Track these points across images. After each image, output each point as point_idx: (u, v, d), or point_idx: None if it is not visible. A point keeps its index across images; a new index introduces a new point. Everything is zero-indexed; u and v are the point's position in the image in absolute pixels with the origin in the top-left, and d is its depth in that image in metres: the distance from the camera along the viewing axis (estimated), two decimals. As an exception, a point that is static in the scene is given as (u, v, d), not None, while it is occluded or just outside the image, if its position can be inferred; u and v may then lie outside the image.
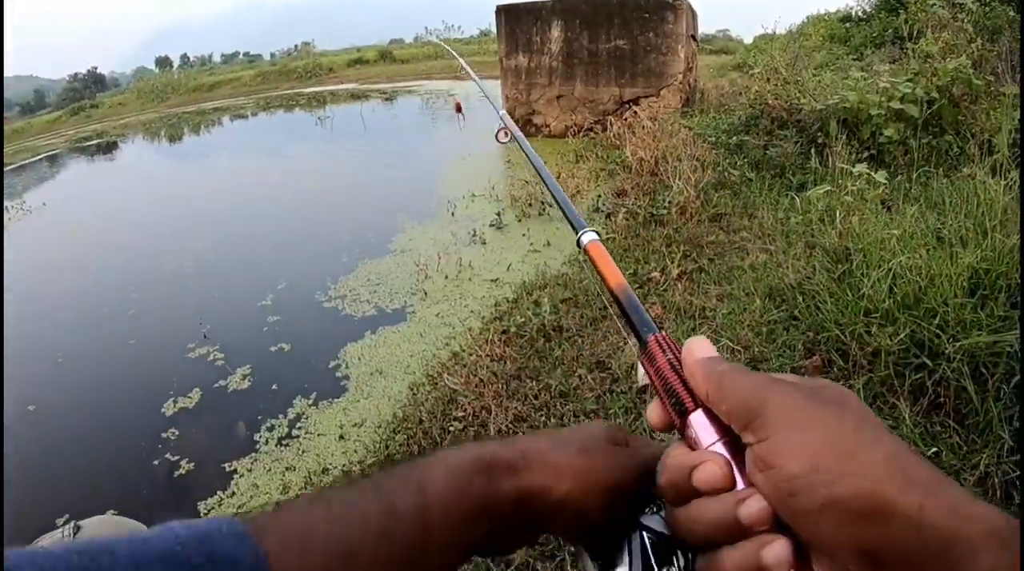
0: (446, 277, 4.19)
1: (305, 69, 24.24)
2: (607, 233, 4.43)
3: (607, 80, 8.16)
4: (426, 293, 4.03)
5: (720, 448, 0.37)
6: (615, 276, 0.52)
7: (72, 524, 0.87)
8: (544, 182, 0.75)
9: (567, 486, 0.42)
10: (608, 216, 4.75)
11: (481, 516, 0.40)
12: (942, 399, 2.10)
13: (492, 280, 4.04)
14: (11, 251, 6.49)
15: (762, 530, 0.34)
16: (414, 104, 14.00)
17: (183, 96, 24.47)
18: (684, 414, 0.40)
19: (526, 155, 0.91)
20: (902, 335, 2.28)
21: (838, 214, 3.27)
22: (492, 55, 11.76)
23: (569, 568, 1.81)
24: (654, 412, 0.43)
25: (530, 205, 5.31)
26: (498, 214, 5.11)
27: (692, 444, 0.39)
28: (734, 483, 0.36)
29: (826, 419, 0.34)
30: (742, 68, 10.67)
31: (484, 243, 4.73)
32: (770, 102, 5.69)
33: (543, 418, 2.47)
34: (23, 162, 13.72)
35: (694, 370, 0.40)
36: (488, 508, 0.40)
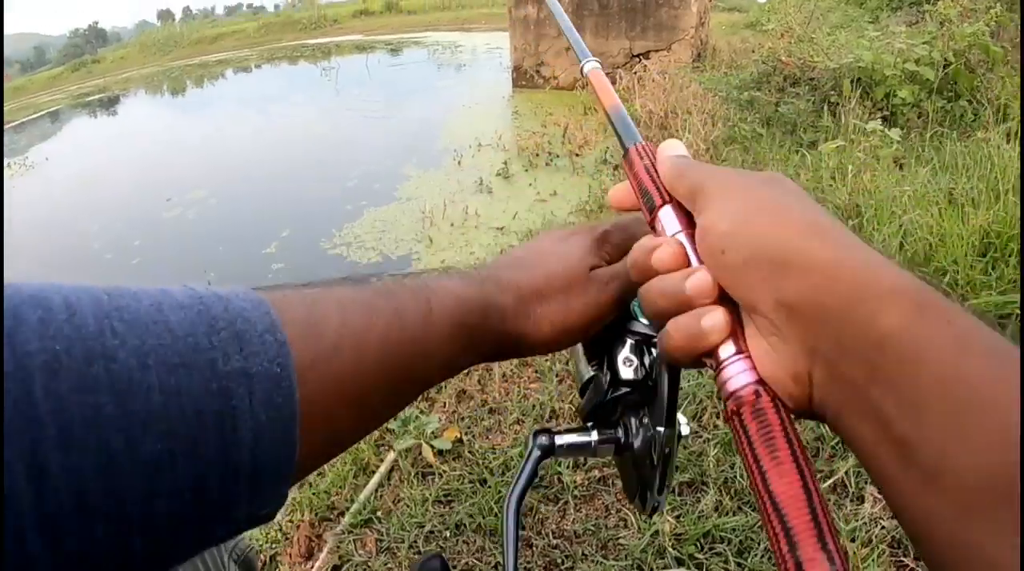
0: (452, 225, 4.15)
1: (309, 20, 23.83)
2: (616, 181, 4.34)
3: (617, 33, 7.98)
4: (431, 240, 3.99)
5: (681, 237, 0.39)
6: (610, 98, 0.53)
7: None
8: (554, 15, 0.73)
9: (548, 330, 0.45)
10: (616, 168, 4.67)
11: (470, 347, 0.42)
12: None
13: (498, 228, 4.00)
14: (13, 205, 6.46)
15: (706, 302, 0.36)
16: (420, 55, 13.75)
17: (186, 49, 24.12)
18: (654, 209, 0.42)
19: None
20: None
21: (850, 171, 3.22)
22: (501, 6, 11.52)
23: (572, 511, 1.81)
24: (615, 193, 0.46)
25: (537, 155, 5.23)
26: (505, 163, 5.03)
27: (658, 235, 0.41)
28: (687, 263, 0.38)
29: (757, 189, 0.37)
30: (755, 26, 10.42)
31: (490, 192, 4.67)
32: (783, 59, 5.56)
33: (548, 363, 2.45)
34: (24, 119, 13.58)
35: (662, 164, 0.42)
36: (478, 342, 0.42)
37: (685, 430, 0.46)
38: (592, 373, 0.49)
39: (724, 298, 0.36)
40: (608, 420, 0.49)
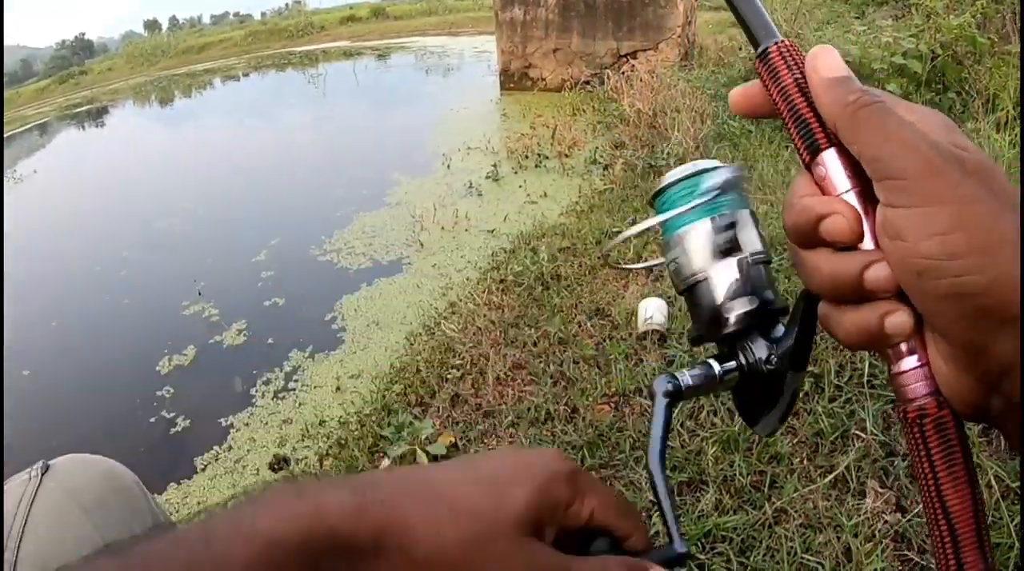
0: (442, 229, 4.12)
1: (296, 28, 23.74)
2: (605, 184, 4.35)
3: (604, 33, 7.96)
4: (422, 244, 3.96)
5: (852, 198, 0.34)
6: None
7: (41, 463, 0.82)
8: None
9: None
10: (606, 167, 4.66)
11: None
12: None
13: (489, 231, 3.97)
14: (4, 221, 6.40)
15: (886, 296, 0.33)
16: (408, 61, 13.73)
17: (173, 59, 24.03)
18: (816, 150, 0.35)
19: None
20: None
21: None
22: (487, 10, 11.51)
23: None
24: (741, 92, 0.40)
25: (526, 157, 5.21)
26: (494, 166, 5.01)
27: (820, 183, 0.36)
28: (862, 238, 0.34)
29: (967, 197, 0.30)
30: (742, 23, 10.44)
31: (480, 195, 4.65)
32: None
33: (542, 365, 2.43)
34: (12, 132, 13.48)
35: (821, 91, 0.35)
36: None
37: None
38: (706, 274, 0.43)
39: (902, 294, 0.33)
40: (725, 343, 0.45)
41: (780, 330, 0.43)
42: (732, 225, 0.44)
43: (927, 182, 0.30)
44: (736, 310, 0.43)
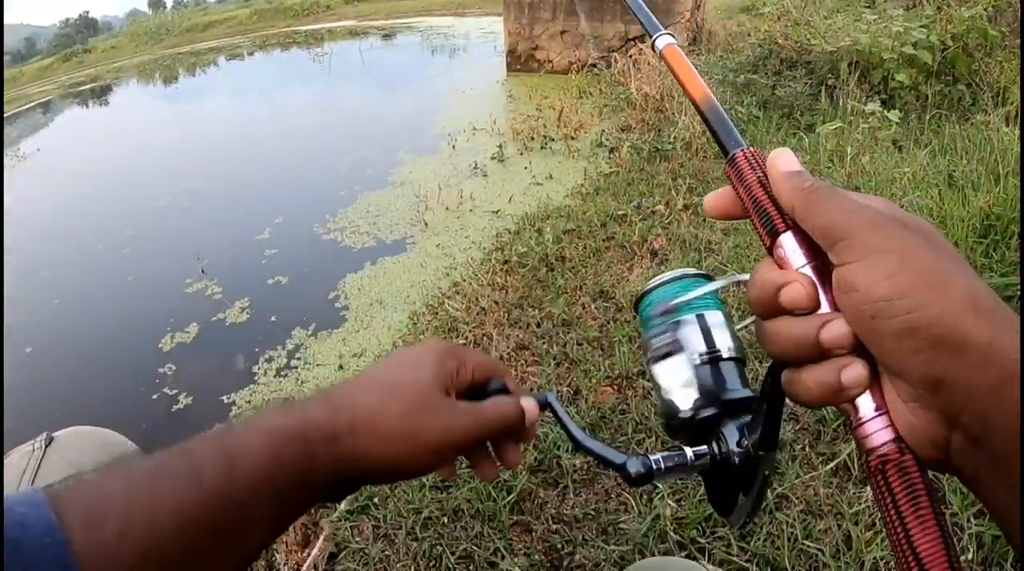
0: (447, 209, 4.10)
1: (301, 7, 23.55)
2: (611, 167, 4.32)
3: (612, 16, 7.87)
4: (426, 224, 3.94)
5: (808, 271, 0.38)
6: (698, 88, 0.49)
7: (44, 435, 0.82)
8: None
9: (392, 452, 0.42)
10: (612, 150, 4.62)
11: (299, 484, 0.39)
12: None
13: (494, 211, 3.95)
14: (6, 198, 6.39)
15: (842, 353, 0.35)
16: (414, 40, 13.61)
17: (177, 37, 23.88)
18: (775, 234, 0.40)
19: None
20: None
21: (848, 153, 3.18)
22: (495, -10, 11.39)
23: (571, 495, 1.78)
24: (714, 199, 0.44)
25: (532, 139, 5.17)
26: (500, 147, 4.97)
27: (780, 264, 0.39)
28: (819, 304, 0.37)
29: (909, 247, 0.34)
30: (751, 10, 10.32)
31: (485, 175, 4.62)
32: (780, 42, 5.50)
33: (545, 346, 2.42)
34: (16, 110, 13.43)
35: (780, 184, 0.40)
36: (306, 476, 0.39)
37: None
38: (695, 399, 0.48)
39: (859, 348, 0.35)
40: (698, 436, 0.48)
41: (747, 418, 0.47)
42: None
43: (871, 235, 0.34)
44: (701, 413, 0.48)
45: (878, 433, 0.35)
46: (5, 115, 12.94)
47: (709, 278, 0.52)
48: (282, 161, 6.18)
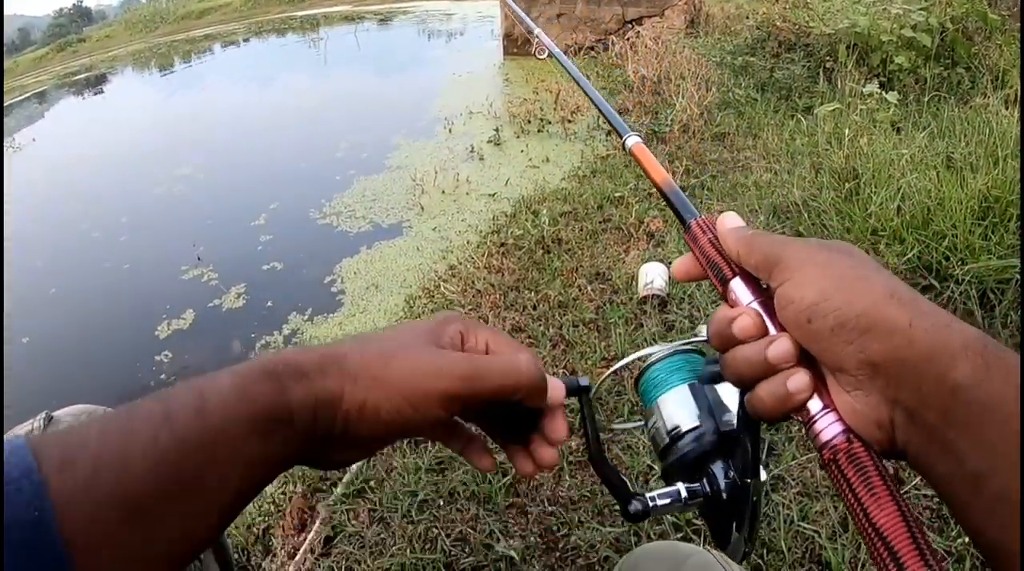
0: (443, 192, 4.07)
1: (297, -7, 23.40)
2: (607, 150, 4.29)
3: (608, -1, 7.80)
4: (422, 208, 3.92)
5: (756, 305, 0.43)
6: (659, 173, 0.58)
7: (44, 414, 0.80)
8: (587, 94, 0.82)
9: (363, 392, 0.39)
10: (609, 133, 4.58)
11: (271, 424, 0.37)
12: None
13: (490, 195, 3.92)
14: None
15: (788, 366, 0.40)
16: (410, 25, 13.52)
17: (172, 25, 23.73)
18: (725, 282, 0.46)
19: (566, 69, 0.96)
20: (910, 255, 2.23)
21: (846, 134, 3.16)
22: (490, -28, 11.27)
23: (567, 477, 1.77)
24: (679, 265, 0.50)
25: (529, 122, 5.13)
26: (496, 131, 4.94)
27: (733, 305, 0.45)
28: (766, 331, 0.42)
29: (833, 260, 0.40)
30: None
31: (482, 159, 4.59)
32: (778, 24, 5.48)
33: (541, 328, 2.40)
34: (11, 101, 13.37)
35: (726, 237, 0.46)
36: (278, 415, 0.37)
37: (763, 475, 0.48)
38: (689, 427, 0.52)
39: (803, 359, 0.40)
40: (691, 474, 0.52)
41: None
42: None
43: (797, 255, 0.41)
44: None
45: (828, 428, 0.39)
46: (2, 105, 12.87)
47: (698, 352, 0.57)
48: (277, 147, 6.15)
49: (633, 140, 0.64)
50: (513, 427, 0.49)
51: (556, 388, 0.47)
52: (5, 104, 13.03)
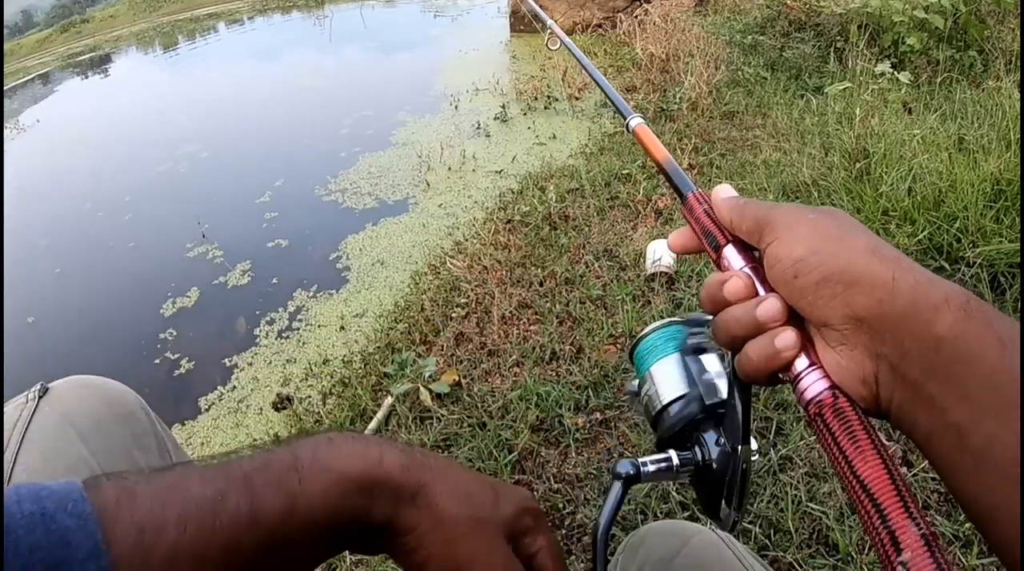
0: (449, 169, 4.03)
1: (301, -29, 23.20)
2: (615, 128, 4.23)
3: (618, -25, 7.68)
4: (428, 184, 3.88)
5: (747, 270, 0.44)
6: (659, 151, 0.60)
7: (39, 385, 0.77)
8: (593, 78, 0.85)
9: (429, 547, 0.40)
10: (616, 113, 4.52)
11: (347, 529, 0.39)
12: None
13: (496, 171, 3.88)
14: (6, 169, 6.34)
15: (777, 325, 0.41)
16: (415, 2, 13.37)
17: (176, 4, 23.52)
18: (719, 249, 0.47)
19: (574, 55, 1.02)
20: (920, 236, 2.19)
21: (857, 114, 3.10)
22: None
23: (573, 454, 1.75)
24: (675, 238, 0.51)
25: (536, 99, 5.07)
26: (503, 107, 4.88)
27: (725, 271, 0.46)
28: (755, 293, 0.43)
29: (819, 221, 0.41)
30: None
31: (488, 136, 4.53)
32: (788, 3, 5.37)
33: (548, 304, 2.37)
34: (15, 83, 13.31)
35: (720, 207, 0.48)
36: (354, 525, 0.39)
37: (754, 445, 0.48)
38: (679, 394, 0.51)
39: (791, 318, 0.41)
40: (683, 443, 0.52)
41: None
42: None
43: (785, 217, 0.42)
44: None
45: (813, 385, 0.39)
46: (5, 87, 12.85)
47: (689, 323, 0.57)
48: (283, 124, 6.10)
49: (636, 121, 0.67)
50: None
51: None
52: (9, 86, 12.99)
